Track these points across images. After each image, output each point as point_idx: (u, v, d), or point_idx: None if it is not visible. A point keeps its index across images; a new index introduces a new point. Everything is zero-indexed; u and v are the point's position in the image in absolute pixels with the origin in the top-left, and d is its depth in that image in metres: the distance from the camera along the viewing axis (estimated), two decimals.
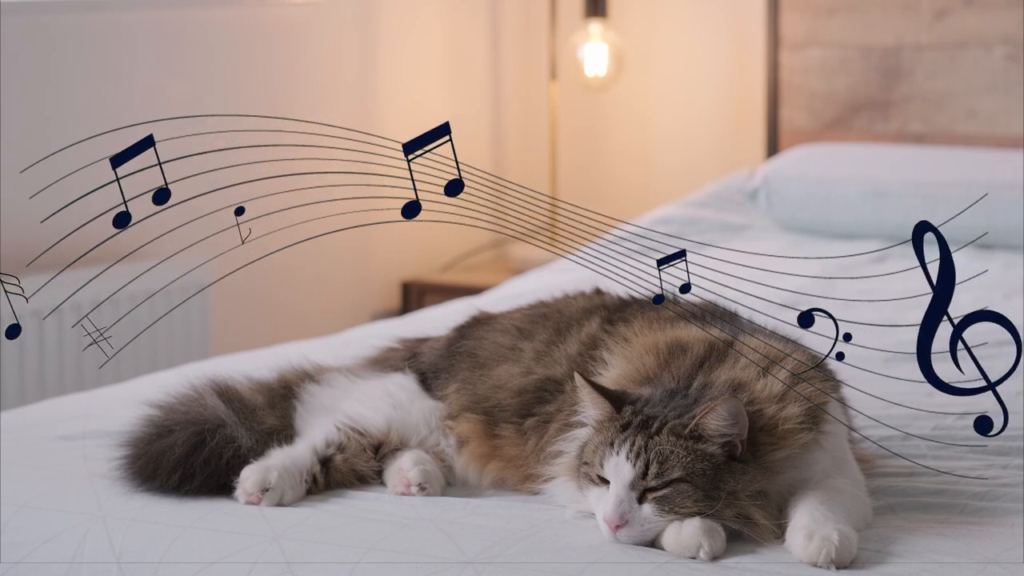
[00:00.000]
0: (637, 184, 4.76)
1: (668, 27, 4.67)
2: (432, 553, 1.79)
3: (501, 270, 4.52)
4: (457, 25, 4.70)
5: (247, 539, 1.86)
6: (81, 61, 3.64)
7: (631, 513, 1.77)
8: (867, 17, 4.22)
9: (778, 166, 3.95)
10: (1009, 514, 1.91)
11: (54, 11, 3.59)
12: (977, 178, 3.67)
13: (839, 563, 1.72)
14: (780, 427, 1.80)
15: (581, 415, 1.88)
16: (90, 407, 2.40)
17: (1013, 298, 3.20)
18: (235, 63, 4.01)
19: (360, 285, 4.45)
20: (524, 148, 4.85)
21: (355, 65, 4.37)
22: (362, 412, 2.05)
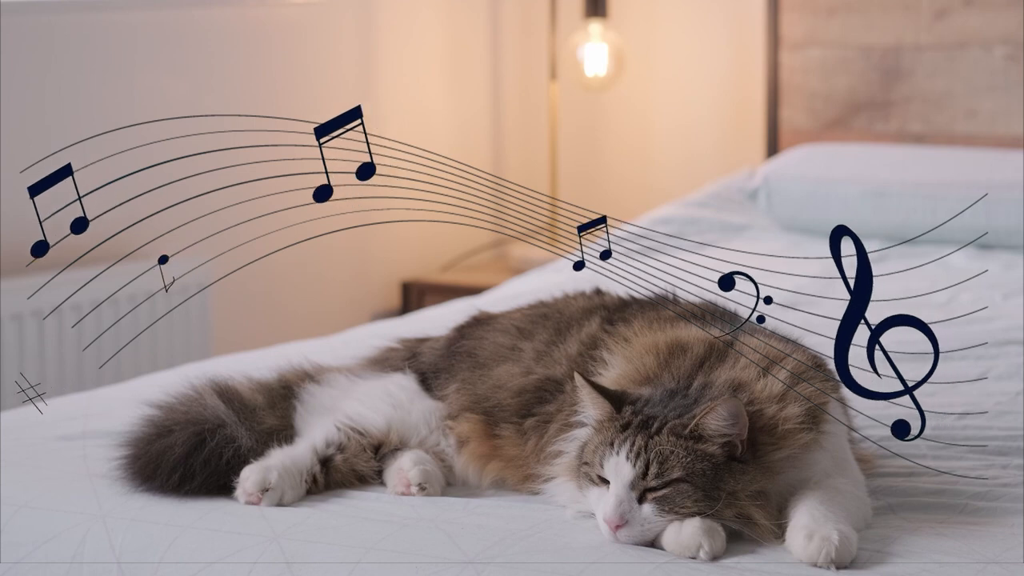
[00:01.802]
0: (637, 184, 4.76)
1: (668, 27, 4.67)
2: (432, 553, 1.79)
3: (501, 270, 4.52)
4: (457, 25, 4.70)
5: (247, 539, 1.86)
6: (81, 61, 3.64)
7: (631, 513, 1.77)
8: (867, 17, 4.22)
9: (778, 166, 3.95)
10: (1009, 514, 1.91)
11: (54, 11, 3.59)
12: (977, 178, 3.67)
13: (839, 563, 1.72)
14: (780, 427, 1.80)
15: (581, 415, 1.88)
16: (90, 407, 2.40)
17: (1013, 298, 3.20)
18: (235, 63, 4.01)
19: (360, 285, 4.45)
20: (524, 148, 4.85)
21: (355, 65, 4.37)
22: (362, 412, 2.05)
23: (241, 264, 1.99)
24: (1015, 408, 2.42)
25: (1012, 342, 2.85)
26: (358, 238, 4.34)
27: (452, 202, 1.80)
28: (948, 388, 2.49)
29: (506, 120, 4.85)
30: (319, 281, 4.29)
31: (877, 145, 4.13)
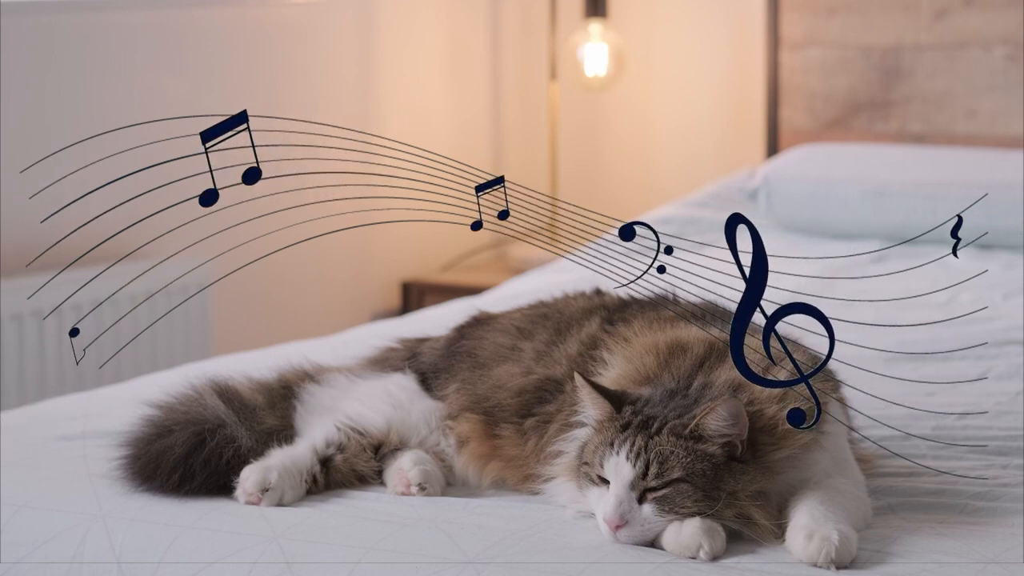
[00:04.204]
0: (637, 184, 4.76)
1: (668, 27, 4.67)
2: (432, 553, 1.79)
3: (501, 270, 4.52)
4: (457, 25, 4.70)
5: (247, 539, 1.86)
6: (81, 61, 3.64)
7: (631, 513, 1.77)
8: (867, 17, 4.22)
9: (778, 166, 3.95)
10: (1009, 514, 1.91)
11: (54, 11, 3.59)
12: (977, 178, 3.67)
13: (839, 563, 1.72)
14: (780, 427, 1.80)
15: (581, 415, 1.88)
16: (90, 407, 2.40)
17: (1013, 298, 3.20)
18: (235, 63, 4.01)
19: (360, 285, 4.45)
20: (524, 148, 4.85)
21: (355, 65, 4.37)
22: (362, 412, 2.05)
23: (241, 264, 1.99)
24: (1015, 408, 2.42)
25: (1012, 342, 2.85)
26: (358, 238, 4.34)
27: (452, 202, 1.80)
28: (948, 388, 2.49)
29: (506, 120, 4.85)
30: (319, 281, 4.29)
31: (877, 145, 4.13)
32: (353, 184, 1.77)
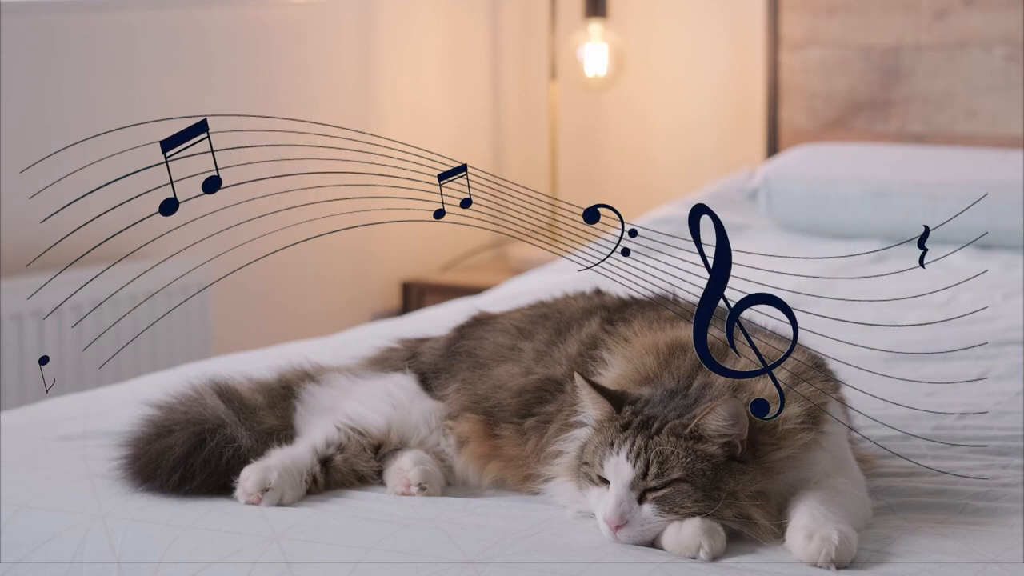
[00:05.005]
0: (637, 184, 4.76)
1: (668, 27, 4.67)
2: (432, 553, 1.79)
3: (501, 270, 4.52)
4: (457, 25, 4.70)
5: (247, 539, 1.86)
6: (81, 61, 3.64)
7: (631, 513, 1.77)
8: (867, 17, 4.22)
9: (778, 166, 3.95)
10: (1009, 514, 1.91)
11: (54, 11, 3.59)
12: (977, 178, 3.67)
13: (839, 563, 1.72)
14: (780, 427, 1.80)
15: (581, 415, 1.88)
16: (90, 407, 2.40)
17: (1013, 298, 3.20)
18: (235, 63, 4.01)
19: (360, 285, 4.45)
20: (524, 148, 4.85)
21: (355, 65, 4.37)
22: (362, 412, 2.05)
23: (241, 264, 1.99)
24: (1015, 408, 2.42)
25: (1012, 342, 2.85)
26: (358, 238, 4.34)
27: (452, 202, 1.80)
28: (948, 388, 2.49)
29: (506, 120, 4.85)
30: (319, 281, 4.29)
31: (877, 145, 4.13)
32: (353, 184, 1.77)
